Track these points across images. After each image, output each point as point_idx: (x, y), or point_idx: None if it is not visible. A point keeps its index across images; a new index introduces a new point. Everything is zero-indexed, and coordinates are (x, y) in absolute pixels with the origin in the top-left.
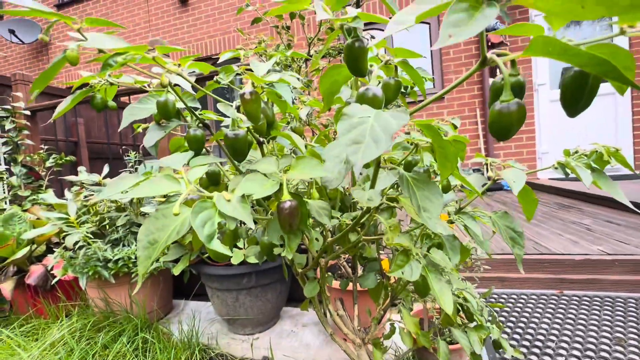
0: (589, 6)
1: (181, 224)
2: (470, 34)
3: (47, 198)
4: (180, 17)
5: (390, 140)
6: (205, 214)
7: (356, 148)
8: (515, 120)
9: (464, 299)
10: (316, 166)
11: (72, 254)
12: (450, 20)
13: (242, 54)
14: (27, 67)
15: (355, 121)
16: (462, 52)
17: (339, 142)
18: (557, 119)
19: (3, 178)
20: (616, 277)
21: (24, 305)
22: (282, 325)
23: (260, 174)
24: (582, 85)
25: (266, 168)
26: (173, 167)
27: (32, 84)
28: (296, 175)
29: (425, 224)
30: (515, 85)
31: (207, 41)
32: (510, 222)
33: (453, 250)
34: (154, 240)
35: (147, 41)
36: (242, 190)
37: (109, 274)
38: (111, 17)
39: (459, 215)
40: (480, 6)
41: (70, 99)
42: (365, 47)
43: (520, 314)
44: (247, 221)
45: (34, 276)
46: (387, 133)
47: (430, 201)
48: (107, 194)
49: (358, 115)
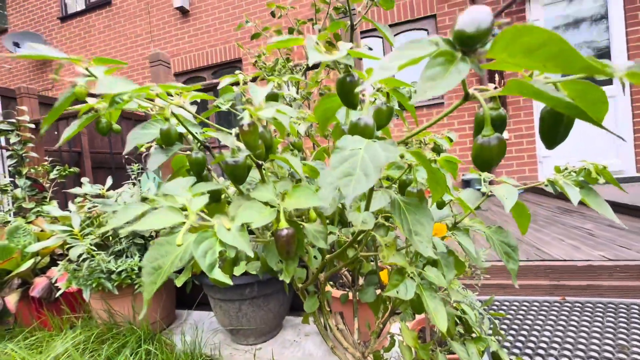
0: (549, 67)
1: (184, 251)
2: (445, 88)
3: (51, 211)
4: (182, 27)
5: (379, 173)
6: (206, 243)
7: (348, 181)
8: (495, 155)
9: (462, 311)
10: (311, 195)
11: (76, 266)
12: (427, 75)
13: (242, 78)
14: (31, 78)
15: (347, 154)
16: None
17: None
18: None
19: (8, 190)
20: (618, 283)
21: (28, 317)
22: (285, 335)
23: (258, 202)
24: (558, 121)
25: (264, 196)
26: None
27: (37, 96)
28: (292, 205)
29: (416, 247)
30: (496, 119)
31: (207, 50)
32: (505, 236)
33: (447, 267)
34: (158, 266)
35: (149, 51)
36: (241, 219)
37: (113, 285)
38: (113, 28)
39: (453, 232)
40: (455, 60)
41: (77, 124)
42: (356, 82)
43: (523, 321)
44: (246, 250)
45: (38, 288)
46: (376, 167)
47: (422, 225)
48: (114, 225)
49: (349, 148)
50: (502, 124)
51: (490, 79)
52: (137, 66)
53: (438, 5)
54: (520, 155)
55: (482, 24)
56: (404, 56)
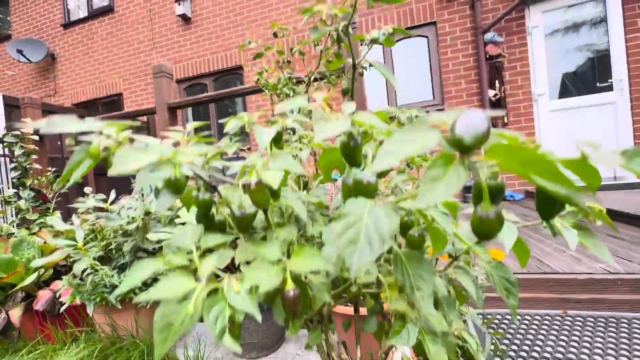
0: (538, 177)
1: (194, 310)
2: (443, 194)
3: (55, 224)
4: (184, 34)
5: (383, 244)
6: (217, 308)
7: (352, 250)
8: (494, 228)
9: (463, 340)
10: (317, 257)
11: (80, 281)
12: (429, 175)
13: (247, 120)
14: (35, 85)
15: (351, 220)
16: (461, 64)
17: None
18: (558, 129)
19: (12, 202)
20: (620, 296)
21: (32, 330)
22: (287, 349)
23: (265, 261)
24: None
25: (271, 254)
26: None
27: (40, 107)
28: (299, 267)
29: (417, 305)
30: (494, 188)
31: (209, 57)
32: (505, 272)
33: (449, 307)
34: (170, 323)
35: (151, 58)
36: (250, 281)
37: (116, 300)
38: (116, 35)
39: (452, 270)
40: (453, 162)
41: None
42: (359, 144)
43: (525, 336)
44: (255, 316)
45: (42, 302)
46: (380, 237)
47: (423, 279)
48: (129, 286)
49: (353, 213)
50: (499, 193)
51: (491, 86)
52: (140, 73)
53: (438, 12)
54: None
55: (479, 133)
56: (406, 140)
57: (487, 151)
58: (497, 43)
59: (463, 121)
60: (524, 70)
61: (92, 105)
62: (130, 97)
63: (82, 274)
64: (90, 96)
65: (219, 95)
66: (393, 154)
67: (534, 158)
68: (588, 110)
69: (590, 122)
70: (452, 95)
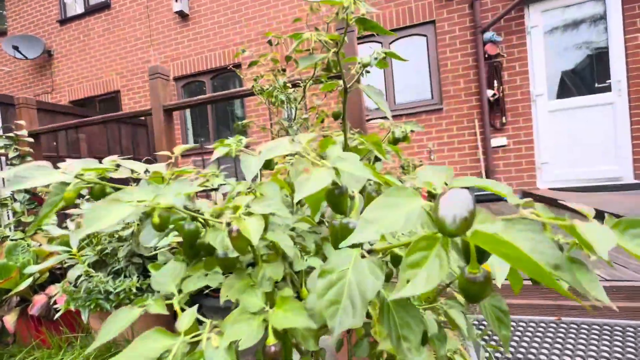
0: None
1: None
2: (424, 285)
3: (51, 230)
4: (181, 31)
5: (366, 307)
6: None
7: (334, 311)
8: (482, 291)
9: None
10: (299, 312)
11: (74, 288)
12: (409, 260)
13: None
14: (31, 81)
15: (334, 277)
16: (460, 63)
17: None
18: (556, 130)
19: (7, 204)
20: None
21: (27, 335)
22: None
23: (247, 313)
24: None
25: (252, 303)
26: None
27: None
28: (280, 323)
29: (404, 356)
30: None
31: (207, 55)
32: (497, 300)
33: (440, 341)
34: None
35: (148, 55)
36: (230, 337)
37: (111, 306)
38: (113, 31)
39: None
40: (436, 245)
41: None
42: (344, 193)
43: (519, 343)
44: None
45: (37, 306)
46: (363, 298)
47: (410, 329)
48: (102, 340)
49: (337, 269)
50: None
51: (489, 86)
52: (137, 70)
53: (437, 10)
54: (518, 161)
55: (463, 217)
56: (388, 206)
57: (472, 236)
58: (496, 42)
59: (447, 202)
60: (522, 70)
61: (90, 102)
62: (127, 94)
63: (77, 281)
64: (88, 93)
65: (215, 97)
66: (374, 223)
67: (517, 256)
68: (586, 111)
69: (589, 123)
70: (450, 94)
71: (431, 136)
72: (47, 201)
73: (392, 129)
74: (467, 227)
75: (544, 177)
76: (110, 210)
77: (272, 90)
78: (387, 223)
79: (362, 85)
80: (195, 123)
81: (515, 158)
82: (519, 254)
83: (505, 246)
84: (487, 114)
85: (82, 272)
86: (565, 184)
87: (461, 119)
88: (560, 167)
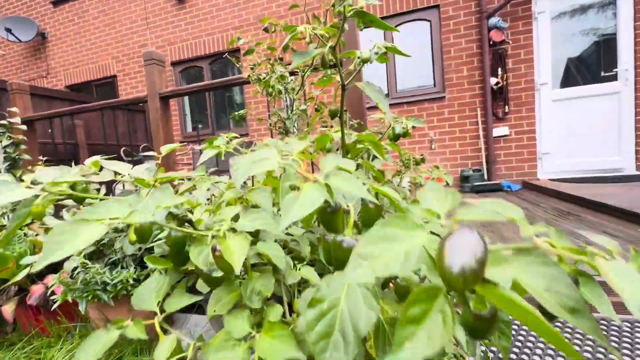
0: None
1: None
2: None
3: (47, 221)
4: (178, 14)
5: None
6: None
7: (324, 345)
8: (489, 329)
9: None
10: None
11: (70, 279)
12: (408, 315)
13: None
14: (26, 65)
15: (325, 307)
16: (463, 50)
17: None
18: (559, 119)
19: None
20: (614, 299)
21: (26, 324)
22: None
23: (232, 339)
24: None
25: (239, 327)
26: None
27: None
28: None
29: None
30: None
31: (205, 39)
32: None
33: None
34: None
35: (145, 38)
36: None
37: (108, 297)
38: (108, 13)
39: None
40: (437, 297)
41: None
42: (338, 210)
43: (513, 342)
44: None
45: (35, 296)
46: (356, 333)
47: None
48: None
49: (328, 298)
50: None
51: (493, 73)
52: (133, 54)
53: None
54: (520, 151)
55: (472, 269)
56: (385, 238)
57: (482, 289)
58: (502, 29)
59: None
60: (527, 57)
61: (86, 87)
62: (124, 79)
63: (73, 272)
64: (84, 78)
65: (212, 85)
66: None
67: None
68: (591, 100)
69: (593, 113)
70: (453, 82)
71: (432, 125)
72: (15, 214)
73: (392, 125)
74: (476, 281)
75: (545, 168)
76: (77, 234)
77: (268, 79)
78: (383, 262)
79: (360, 83)
80: (194, 109)
81: (516, 148)
82: (537, 321)
83: (523, 312)
84: (490, 102)
85: (79, 263)
86: (567, 175)
87: (463, 108)
88: (561, 158)
